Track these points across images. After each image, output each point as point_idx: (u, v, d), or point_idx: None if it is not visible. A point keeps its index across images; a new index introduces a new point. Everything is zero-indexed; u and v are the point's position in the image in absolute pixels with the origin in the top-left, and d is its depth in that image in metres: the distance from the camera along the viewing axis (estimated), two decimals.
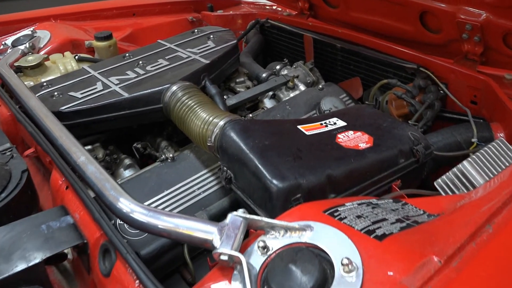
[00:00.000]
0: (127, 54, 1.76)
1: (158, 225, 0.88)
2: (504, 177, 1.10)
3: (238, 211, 0.87)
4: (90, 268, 0.96)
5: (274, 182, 1.05)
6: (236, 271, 0.79)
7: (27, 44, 1.89)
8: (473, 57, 1.65)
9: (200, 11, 2.58)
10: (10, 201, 1.06)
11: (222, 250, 0.80)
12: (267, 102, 1.74)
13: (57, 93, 1.53)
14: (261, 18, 2.35)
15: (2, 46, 2.00)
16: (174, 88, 1.45)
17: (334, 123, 1.30)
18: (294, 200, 1.04)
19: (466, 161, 1.17)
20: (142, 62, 1.69)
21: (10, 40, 2.02)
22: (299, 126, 1.27)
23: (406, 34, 1.83)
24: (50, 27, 2.11)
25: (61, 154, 1.13)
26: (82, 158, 1.07)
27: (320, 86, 1.68)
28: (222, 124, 1.23)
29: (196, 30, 1.94)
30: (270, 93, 1.75)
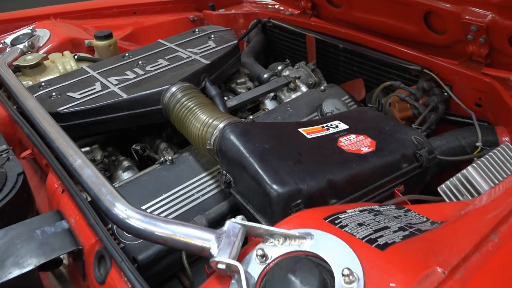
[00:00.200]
0: (127, 54, 1.74)
1: (154, 231, 0.86)
2: (509, 183, 1.08)
3: (236, 218, 0.85)
4: (85, 274, 0.95)
5: (274, 187, 1.03)
6: (233, 280, 0.77)
7: (26, 43, 1.87)
8: (478, 58, 1.62)
9: (201, 10, 2.55)
10: (5, 204, 1.04)
11: (220, 259, 0.78)
12: (268, 104, 1.72)
13: (55, 93, 1.51)
14: (263, 18, 2.32)
15: (1, 45, 1.98)
16: (173, 89, 1.42)
17: (336, 126, 1.28)
18: (294, 205, 1.02)
19: (471, 166, 1.14)
20: (141, 62, 1.67)
21: (9, 38, 2.00)
22: (300, 129, 1.25)
23: (410, 34, 1.80)
24: (50, 26, 2.09)
25: (57, 156, 1.11)
26: (79, 161, 1.05)
27: (322, 87, 1.66)
28: (221, 126, 1.21)
29: (197, 30, 1.92)
30: (272, 94, 1.73)
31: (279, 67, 1.91)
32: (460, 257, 0.77)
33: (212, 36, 1.83)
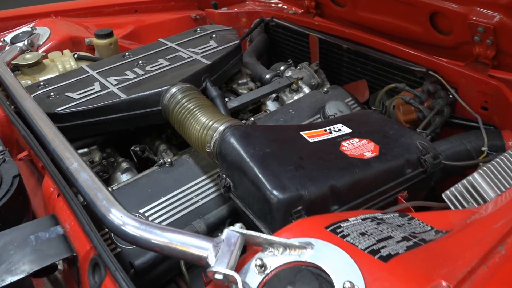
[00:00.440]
0: (127, 53, 1.71)
1: (150, 239, 0.84)
2: None
3: (235, 226, 0.83)
4: (80, 281, 0.92)
5: (275, 193, 1.01)
6: None
7: (26, 41, 1.85)
8: (484, 60, 1.59)
9: (204, 9, 2.52)
10: None
11: (217, 269, 0.76)
12: (270, 105, 1.69)
13: (53, 93, 1.48)
14: (266, 17, 2.29)
15: (1, 43, 1.95)
16: (173, 90, 1.40)
17: (339, 130, 1.25)
18: (295, 212, 1.00)
19: (477, 173, 1.11)
20: (142, 61, 1.64)
21: (9, 36, 1.98)
22: (302, 132, 1.22)
23: (415, 35, 1.77)
24: (50, 24, 2.06)
25: (53, 159, 1.09)
26: (75, 165, 1.03)
27: (325, 89, 1.63)
28: (222, 129, 1.19)
29: (198, 29, 1.89)
30: (274, 95, 1.70)
31: (282, 68, 1.88)
32: (465, 270, 0.74)
33: (213, 35, 1.80)
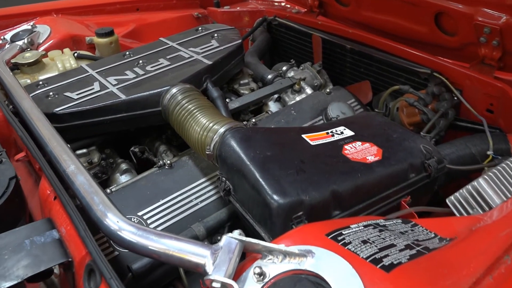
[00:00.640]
0: (127, 53, 1.69)
1: (147, 245, 0.82)
2: None
3: (233, 233, 0.81)
4: (75, 287, 0.91)
5: (275, 197, 0.99)
6: None
7: (26, 39, 1.83)
8: (490, 62, 1.56)
9: (206, 7, 2.50)
10: None
11: (215, 277, 0.75)
12: (272, 106, 1.67)
13: (52, 93, 1.47)
14: (268, 16, 2.27)
15: (0, 41, 1.94)
16: (173, 90, 1.38)
17: (341, 133, 1.23)
18: (295, 218, 0.98)
19: (482, 178, 1.09)
20: (142, 61, 1.62)
21: (9, 35, 1.96)
22: (304, 135, 1.20)
23: (420, 35, 1.74)
24: (51, 22, 2.04)
25: (50, 161, 1.07)
26: (72, 167, 1.01)
27: (327, 90, 1.61)
28: (222, 131, 1.17)
29: (200, 28, 1.87)
30: (275, 96, 1.68)
31: (284, 68, 1.86)
32: (470, 280, 0.73)
33: (215, 35, 1.78)
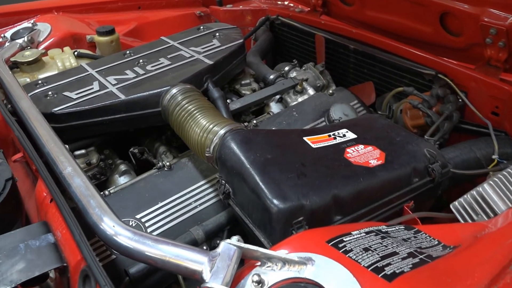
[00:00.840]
0: (128, 52, 1.67)
1: (143, 251, 0.81)
2: None
3: (232, 239, 0.80)
4: None
5: (275, 202, 0.97)
6: None
7: (26, 37, 1.81)
8: (496, 63, 1.53)
9: (208, 5, 2.47)
10: None
11: (212, 285, 0.73)
12: (274, 106, 1.65)
13: (51, 92, 1.45)
14: (271, 15, 2.24)
15: (1, 39, 1.92)
16: (173, 91, 1.36)
17: (344, 135, 1.21)
18: (295, 223, 0.96)
19: (487, 184, 1.06)
20: (142, 60, 1.60)
21: (9, 32, 1.94)
22: (305, 137, 1.18)
23: (425, 36, 1.72)
24: (51, 20, 2.03)
25: (47, 162, 1.06)
26: (69, 169, 0.99)
27: (330, 91, 1.59)
28: (222, 133, 1.15)
29: (202, 27, 1.84)
30: (277, 96, 1.66)
31: (286, 68, 1.83)
32: None
33: (217, 34, 1.75)
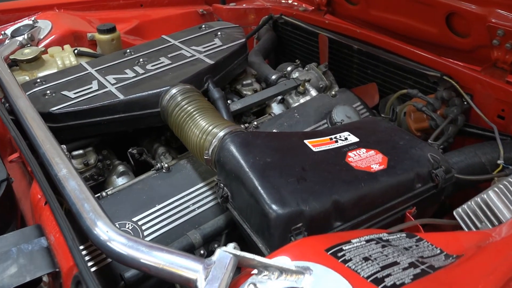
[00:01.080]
0: (128, 50, 1.65)
1: (137, 258, 0.79)
2: None
3: (228, 246, 0.77)
4: None
5: (274, 207, 0.95)
6: None
7: (26, 35, 1.80)
8: (503, 65, 1.51)
9: (211, 3, 2.45)
10: None
11: None
12: (275, 107, 1.62)
13: (49, 91, 1.43)
14: (274, 13, 2.22)
15: (1, 36, 1.90)
16: (173, 91, 1.34)
17: (345, 139, 1.18)
18: (294, 229, 0.94)
19: (492, 191, 1.04)
20: (142, 59, 1.58)
21: (10, 30, 1.92)
22: (306, 140, 1.16)
23: (430, 36, 1.69)
24: (52, 17, 2.01)
25: (43, 163, 1.04)
26: (64, 171, 0.97)
27: (333, 92, 1.56)
28: (221, 135, 1.13)
29: (203, 26, 1.82)
30: (279, 97, 1.63)
31: (289, 68, 1.81)
32: None
33: (218, 33, 1.73)
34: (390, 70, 1.73)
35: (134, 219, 1.16)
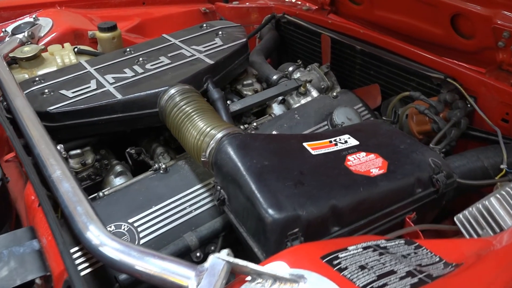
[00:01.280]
0: (128, 49, 1.64)
1: (128, 263, 0.77)
2: None
3: (221, 253, 0.76)
4: None
5: (270, 212, 0.93)
6: None
7: (26, 33, 1.78)
8: (508, 67, 1.48)
9: (214, 2, 2.43)
10: None
11: None
12: (276, 108, 1.60)
13: (48, 90, 1.42)
14: (277, 13, 2.19)
15: (2, 34, 1.89)
16: (172, 91, 1.33)
17: (345, 142, 1.16)
18: (290, 234, 0.92)
19: (494, 197, 1.01)
20: (142, 59, 1.56)
21: (11, 27, 1.91)
22: (305, 143, 1.14)
23: (435, 37, 1.66)
24: (53, 15, 1.99)
25: (37, 164, 1.03)
26: (58, 173, 0.96)
27: (334, 93, 1.54)
28: (219, 137, 1.11)
29: (205, 25, 1.80)
30: (280, 98, 1.61)
31: (290, 68, 1.78)
32: None
33: (219, 32, 1.71)
34: (393, 71, 1.71)
35: (130, 221, 1.14)
